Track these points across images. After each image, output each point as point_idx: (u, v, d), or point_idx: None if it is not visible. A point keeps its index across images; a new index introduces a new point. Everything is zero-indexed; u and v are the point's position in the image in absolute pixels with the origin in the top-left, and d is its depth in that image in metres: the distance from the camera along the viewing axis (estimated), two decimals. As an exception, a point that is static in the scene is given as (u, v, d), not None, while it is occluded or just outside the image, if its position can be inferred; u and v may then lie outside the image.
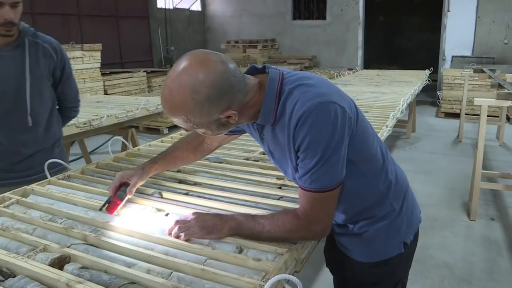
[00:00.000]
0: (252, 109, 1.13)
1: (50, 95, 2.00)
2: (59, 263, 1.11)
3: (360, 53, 10.55)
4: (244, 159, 1.97)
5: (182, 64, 1.03)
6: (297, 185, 1.20)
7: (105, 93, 7.09)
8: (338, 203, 1.18)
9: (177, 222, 1.22)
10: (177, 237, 1.18)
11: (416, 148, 5.73)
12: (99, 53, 7.00)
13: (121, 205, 1.37)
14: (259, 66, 1.20)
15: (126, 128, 3.79)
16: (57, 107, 2.11)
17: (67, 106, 2.15)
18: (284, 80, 1.13)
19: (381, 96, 4.35)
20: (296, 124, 1.06)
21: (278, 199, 1.47)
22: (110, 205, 1.33)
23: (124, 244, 1.16)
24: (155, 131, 6.71)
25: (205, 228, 1.18)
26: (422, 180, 4.36)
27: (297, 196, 1.46)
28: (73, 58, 6.49)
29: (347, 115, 1.08)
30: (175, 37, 11.29)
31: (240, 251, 1.14)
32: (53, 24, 7.67)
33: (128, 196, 1.40)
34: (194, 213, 1.23)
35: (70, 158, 4.35)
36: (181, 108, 1.03)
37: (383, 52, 13.19)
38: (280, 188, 1.58)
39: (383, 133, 2.49)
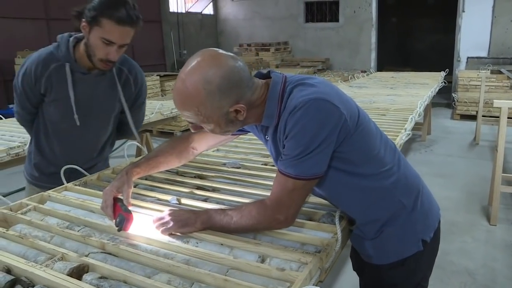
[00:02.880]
0: (258, 109, 1.18)
1: (114, 122, 1.96)
2: (78, 272, 1.08)
3: (373, 55, 10.47)
4: (262, 164, 1.94)
5: (195, 59, 1.10)
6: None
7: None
8: (344, 203, 1.25)
9: (154, 220, 1.27)
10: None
11: (432, 151, 5.65)
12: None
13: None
14: (264, 71, 1.25)
15: (140, 132, 3.78)
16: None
17: (123, 129, 2.04)
18: (286, 82, 1.18)
19: (398, 98, 4.29)
20: (287, 117, 1.11)
21: (299, 206, 1.43)
22: (124, 224, 1.28)
23: (143, 253, 1.14)
24: (169, 135, 6.72)
25: (180, 221, 1.23)
26: (439, 183, 4.28)
27: (317, 200, 1.44)
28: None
29: (342, 117, 1.10)
30: (188, 40, 11.33)
31: (263, 260, 1.11)
32: (68, 29, 7.75)
33: (129, 208, 1.35)
34: (169, 209, 1.29)
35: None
36: (193, 100, 1.09)
37: (396, 54, 13.07)
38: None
39: (402, 137, 2.44)
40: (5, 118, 3.49)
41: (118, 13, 1.55)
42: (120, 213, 1.31)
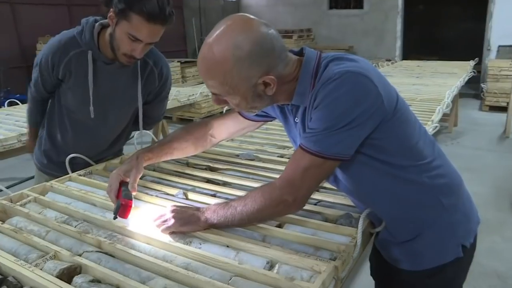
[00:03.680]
0: (289, 85, 1.07)
1: (132, 115, 1.83)
2: (69, 273, 0.99)
3: (398, 43, 10.17)
4: (278, 156, 1.81)
5: (224, 23, 1.00)
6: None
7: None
8: (373, 197, 1.12)
9: (155, 218, 1.18)
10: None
11: (459, 143, 5.42)
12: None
13: (132, 205, 1.24)
14: (297, 49, 1.12)
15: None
16: None
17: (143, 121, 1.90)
18: (321, 58, 1.08)
19: (424, 88, 4.09)
20: (319, 88, 1.00)
21: (315, 204, 1.31)
22: (122, 210, 1.19)
23: (140, 254, 1.04)
24: (188, 122, 6.64)
25: (181, 219, 1.13)
26: (466, 178, 3.96)
27: (336, 200, 1.32)
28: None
29: (379, 98, 0.99)
30: (210, 27, 11.13)
31: (271, 266, 1.00)
32: (89, 15, 7.74)
33: (134, 193, 1.27)
34: (171, 206, 1.19)
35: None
36: (220, 66, 0.98)
37: (422, 42, 12.68)
38: (317, 190, 1.42)
39: (428, 129, 2.28)
40: (23, 104, 3.45)
41: (150, 8, 1.38)
42: (119, 199, 1.22)
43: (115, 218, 1.18)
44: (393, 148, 1.06)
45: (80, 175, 1.61)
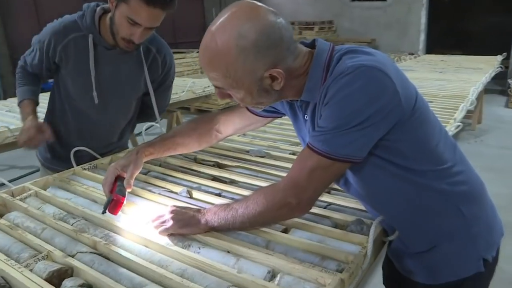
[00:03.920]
0: (299, 80, 0.99)
1: (136, 105, 1.79)
2: (59, 276, 0.95)
3: (422, 36, 9.93)
4: (290, 153, 1.73)
5: (228, 10, 0.92)
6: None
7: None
8: (386, 204, 1.03)
9: (153, 219, 1.11)
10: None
11: (483, 142, 5.23)
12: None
13: (124, 202, 1.18)
14: (308, 41, 1.03)
15: (170, 111, 3.64)
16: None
17: (146, 112, 1.86)
18: (334, 50, 0.99)
19: (447, 84, 3.94)
20: (330, 83, 0.91)
21: (324, 207, 1.23)
22: (112, 205, 1.14)
23: (134, 258, 0.98)
24: (204, 113, 6.60)
25: (181, 220, 1.07)
26: (489, 178, 3.86)
27: (347, 203, 1.24)
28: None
29: (397, 96, 0.90)
30: (229, 18, 11.11)
31: (273, 276, 0.92)
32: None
33: (128, 190, 1.21)
34: (172, 206, 1.12)
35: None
36: (222, 57, 0.90)
37: (447, 36, 12.33)
38: (328, 192, 1.34)
39: (450, 128, 2.17)
40: (47, 92, 3.41)
41: None
42: (111, 194, 1.17)
43: (103, 212, 1.13)
44: (410, 151, 0.97)
45: (84, 168, 1.56)
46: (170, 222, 1.06)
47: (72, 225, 1.15)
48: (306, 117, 1.06)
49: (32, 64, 1.67)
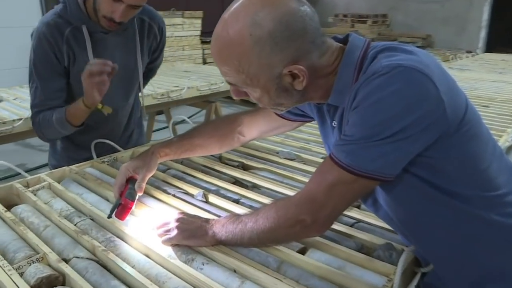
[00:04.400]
0: (327, 79, 0.86)
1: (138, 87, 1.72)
2: (48, 283, 0.88)
3: (483, 33, 9.34)
4: (322, 158, 1.59)
5: None
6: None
7: (204, 62, 6.99)
8: (424, 234, 0.88)
9: (158, 226, 1.02)
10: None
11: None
12: (199, 21, 6.90)
13: (133, 208, 1.09)
14: (341, 36, 0.91)
15: (209, 102, 3.56)
16: None
17: (149, 78, 1.86)
18: (369, 47, 0.85)
19: (506, 87, 3.61)
20: (361, 84, 0.78)
21: (351, 226, 1.09)
22: (120, 210, 1.06)
23: (131, 270, 0.88)
24: (252, 105, 6.44)
25: (186, 230, 0.96)
26: None
27: (378, 221, 1.09)
28: (173, 25, 6.44)
29: (441, 105, 0.75)
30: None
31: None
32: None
33: (139, 194, 1.13)
34: (179, 213, 1.04)
35: (155, 127, 4.23)
36: (234, 49, 0.79)
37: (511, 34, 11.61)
38: (358, 207, 1.19)
39: (507, 139, 1.94)
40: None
41: None
42: (120, 197, 1.09)
43: (109, 217, 1.04)
44: (454, 171, 0.81)
45: (103, 161, 1.50)
46: (175, 232, 0.96)
47: (75, 224, 1.08)
48: (334, 123, 0.92)
49: (47, 95, 1.47)
